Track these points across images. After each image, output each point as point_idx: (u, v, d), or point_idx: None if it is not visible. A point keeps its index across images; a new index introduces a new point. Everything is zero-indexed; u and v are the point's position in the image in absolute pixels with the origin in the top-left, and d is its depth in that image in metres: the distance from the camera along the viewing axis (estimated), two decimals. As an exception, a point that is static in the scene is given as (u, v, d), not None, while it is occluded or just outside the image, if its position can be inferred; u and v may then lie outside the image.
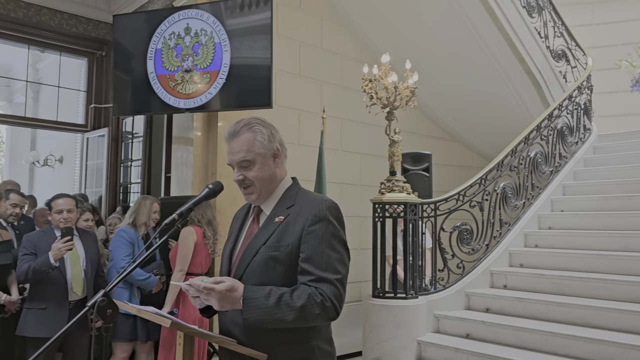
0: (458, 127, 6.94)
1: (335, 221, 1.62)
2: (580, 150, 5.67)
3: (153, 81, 4.55)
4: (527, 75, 5.77)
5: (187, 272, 3.72)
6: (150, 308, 1.58)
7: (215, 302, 1.51)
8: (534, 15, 5.95)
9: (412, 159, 4.98)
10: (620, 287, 3.74)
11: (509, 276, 4.38)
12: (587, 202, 4.93)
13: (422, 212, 4.20)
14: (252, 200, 1.71)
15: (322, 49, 5.77)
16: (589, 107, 6.02)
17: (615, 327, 3.46)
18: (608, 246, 4.25)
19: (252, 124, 1.68)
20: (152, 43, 4.57)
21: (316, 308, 1.52)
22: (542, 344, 3.54)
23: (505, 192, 4.71)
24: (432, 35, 5.80)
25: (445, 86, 6.30)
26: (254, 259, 1.62)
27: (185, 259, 3.73)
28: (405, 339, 3.91)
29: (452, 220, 4.35)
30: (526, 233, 4.79)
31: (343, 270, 1.59)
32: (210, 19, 4.42)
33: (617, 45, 7.56)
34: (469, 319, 3.97)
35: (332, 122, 5.44)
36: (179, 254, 3.76)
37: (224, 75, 4.37)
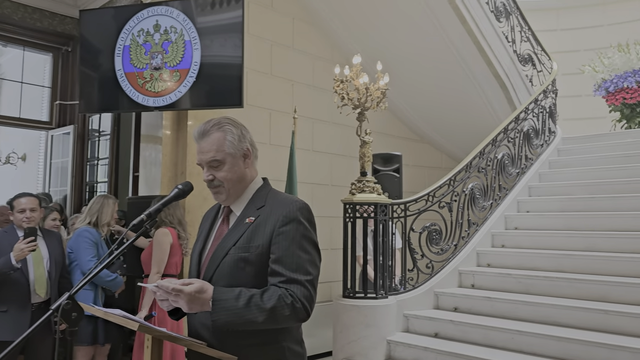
0: (428, 128, 7.02)
1: (306, 222, 1.61)
2: (545, 152, 5.81)
3: (121, 78, 4.45)
4: (495, 79, 5.88)
5: (164, 273, 3.69)
6: (117, 311, 1.54)
7: (184, 304, 1.48)
8: (502, 20, 6.07)
9: (383, 159, 5.01)
10: (585, 286, 3.84)
11: (477, 276, 4.45)
12: (552, 203, 5.06)
13: (392, 213, 4.23)
14: (222, 200, 1.69)
15: (293, 49, 5.75)
16: (554, 110, 6.17)
17: (580, 325, 3.55)
18: (573, 246, 4.36)
19: (222, 124, 1.66)
20: (120, 39, 4.47)
21: (286, 309, 1.51)
22: (509, 343, 3.61)
23: (474, 193, 4.79)
24: (403, 38, 5.85)
25: (415, 88, 6.37)
26: (224, 261, 1.59)
27: (162, 261, 3.69)
28: (375, 338, 3.93)
29: (421, 221, 4.39)
30: (493, 233, 4.87)
31: (314, 271, 1.58)
32: (180, 17, 4.36)
33: (581, 51, 7.79)
34: (438, 318, 4.01)
35: (303, 122, 5.43)
36: (155, 256, 3.70)
37: (194, 73, 4.30)
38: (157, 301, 1.58)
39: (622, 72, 6.40)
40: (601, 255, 4.08)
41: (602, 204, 4.71)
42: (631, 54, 6.37)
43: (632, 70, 6.30)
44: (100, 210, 3.90)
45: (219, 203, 1.78)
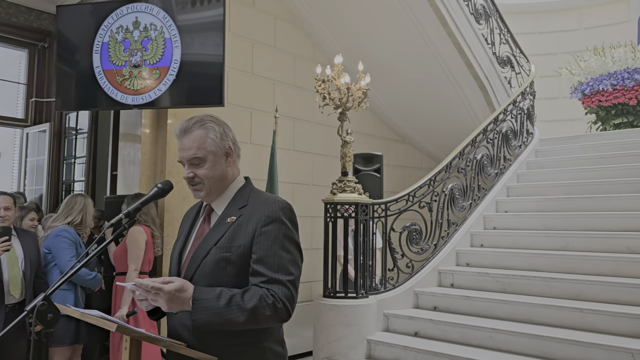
0: (408, 128, 7.07)
1: (289, 222, 1.60)
2: (523, 153, 5.90)
3: (99, 76, 4.38)
4: (475, 80, 5.95)
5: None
6: (95, 312, 1.52)
7: (163, 303, 1.46)
8: (482, 22, 6.14)
9: (364, 159, 5.03)
10: (560, 284, 3.91)
11: (456, 275, 4.50)
12: (529, 203, 5.14)
13: (373, 213, 4.24)
14: (201, 197, 1.67)
15: (275, 48, 5.74)
16: (531, 112, 6.27)
17: (555, 323, 3.61)
18: (549, 245, 4.43)
19: (204, 121, 1.65)
20: (98, 36, 4.40)
21: (267, 309, 1.50)
22: (486, 341, 3.66)
23: (453, 193, 4.84)
24: (385, 39, 5.88)
25: (396, 89, 6.41)
26: (205, 260, 1.58)
27: (138, 258, 3.72)
28: (355, 338, 3.94)
29: (402, 221, 4.42)
30: (472, 233, 4.93)
31: (295, 271, 1.58)
32: (160, 14, 4.31)
33: (558, 54, 7.94)
34: (418, 318, 4.04)
35: (284, 121, 5.42)
36: (131, 253, 3.71)
37: (174, 71, 4.26)
38: (135, 301, 1.56)
39: (597, 75, 6.54)
40: (576, 254, 4.16)
41: (577, 204, 4.80)
42: (606, 58, 6.50)
43: (607, 74, 6.44)
44: (84, 210, 3.84)
45: (200, 202, 1.76)
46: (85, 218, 3.83)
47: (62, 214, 3.84)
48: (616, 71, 6.37)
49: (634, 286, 3.60)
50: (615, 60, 6.42)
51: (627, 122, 6.37)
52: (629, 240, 4.09)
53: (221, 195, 1.68)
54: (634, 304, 3.54)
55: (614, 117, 6.48)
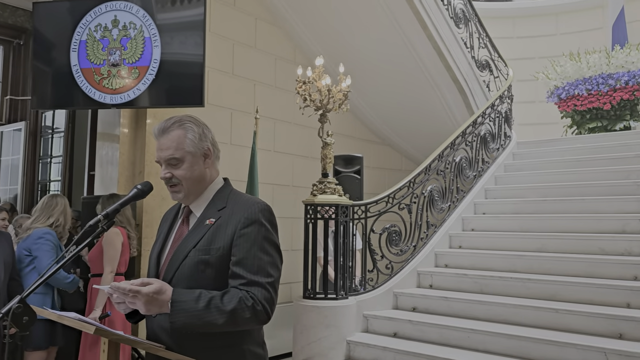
0: (388, 131, 7.12)
1: (268, 224, 1.60)
2: (501, 156, 5.99)
3: (77, 74, 4.31)
4: (454, 83, 6.02)
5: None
6: (72, 314, 1.49)
7: (141, 305, 1.45)
8: (461, 26, 6.22)
9: (344, 161, 5.05)
10: (536, 285, 3.98)
11: (435, 276, 4.54)
12: (506, 205, 5.21)
13: (353, 214, 4.26)
14: (179, 199, 1.66)
15: (255, 49, 5.72)
16: (509, 115, 6.37)
17: (532, 323, 3.67)
18: (526, 247, 4.50)
19: (183, 122, 1.64)
20: (76, 34, 4.33)
21: (247, 312, 1.49)
22: (464, 341, 3.70)
23: (432, 195, 4.88)
24: (365, 41, 5.92)
25: (377, 91, 6.45)
26: (184, 263, 1.57)
27: (114, 260, 3.68)
28: (335, 339, 3.95)
29: (381, 222, 4.45)
30: (451, 235, 4.98)
31: (275, 273, 1.57)
32: (140, 12, 4.26)
33: (535, 58, 8.08)
34: (397, 318, 4.07)
35: (265, 122, 5.41)
36: (107, 255, 3.66)
37: (154, 71, 4.22)
38: (113, 304, 1.54)
39: (573, 80, 6.67)
40: (552, 255, 4.23)
41: (553, 206, 4.89)
42: (582, 63, 6.64)
43: (582, 79, 6.57)
44: (65, 212, 3.77)
45: (179, 203, 1.75)
46: (66, 220, 3.76)
47: (42, 215, 3.70)
48: (591, 76, 6.51)
49: (608, 287, 3.68)
50: (590, 65, 6.56)
51: (602, 127, 6.51)
52: (602, 242, 4.18)
53: (200, 197, 1.67)
54: (607, 304, 3.61)
55: (588, 121, 6.62)
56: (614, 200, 4.59)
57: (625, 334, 3.31)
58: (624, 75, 6.30)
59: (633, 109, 6.42)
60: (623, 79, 6.29)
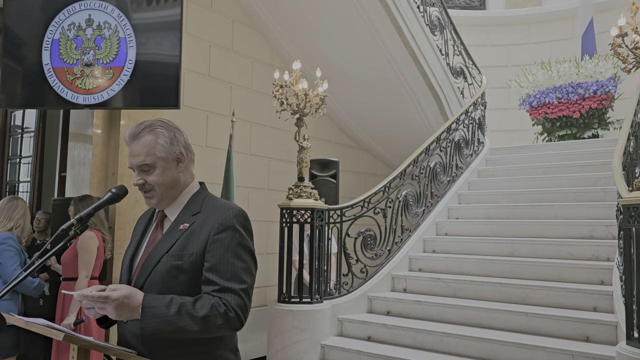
0: (365, 135, 7.16)
1: (243, 229, 1.59)
2: (474, 162, 6.09)
3: (48, 73, 4.22)
4: (429, 90, 6.10)
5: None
6: (41, 320, 1.46)
7: (112, 310, 1.43)
8: (437, 33, 6.31)
9: (320, 165, 5.07)
10: (507, 289, 4.06)
11: (409, 280, 4.59)
12: (479, 211, 5.30)
13: (328, 218, 4.27)
14: (153, 204, 1.64)
15: (232, 51, 5.70)
16: (482, 122, 6.48)
17: (503, 327, 3.74)
18: (498, 251, 4.59)
19: (154, 126, 1.62)
20: (48, 32, 4.24)
21: (219, 318, 1.48)
22: (437, 344, 3.74)
23: (407, 200, 4.93)
24: (343, 46, 5.95)
25: (353, 96, 6.49)
26: (156, 268, 1.54)
27: (89, 264, 3.61)
28: (309, 343, 3.95)
29: (357, 226, 4.47)
30: (425, 239, 5.04)
31: (249, 279, 1.56)
32: (115, 12, 4.20)
33: (508, 66, 8.25)
34: (371, 322, 4.09)
35: (241, 125, 5.39)
36: (82, 260, 3.58)
37: (129, 71, 4.16)
38: (83, 310, 1.51)
39: (544, 88, 6.83)
40: (523, 260, 4.32)
41: (524, 212, 4.99)
42: (553, 72, 6.81)
43: (553, 87, 6.73)
44: (25, 216, 3.67)
45: (153, 207, 1.73)
46: (25, 223, 3.67)
47: (2, 218, 3.58)
48: (561, 85, 6.67)
49: (575, 291, 3.78)
50: (560, 74, 6.73)
51: (571, 134, 6.68)
52: (571, 247, 4.29)
53: (174, 201, 1.65)
54: (575, 308, 3.71)
55: (558, 129, 6.78)
56: (582, 207, 4.71)
57: (591, 337, 3.41)
58: (593, 85, 6.48)
59: (601, 117, 6.61)
60: (592, 88, 6.47)
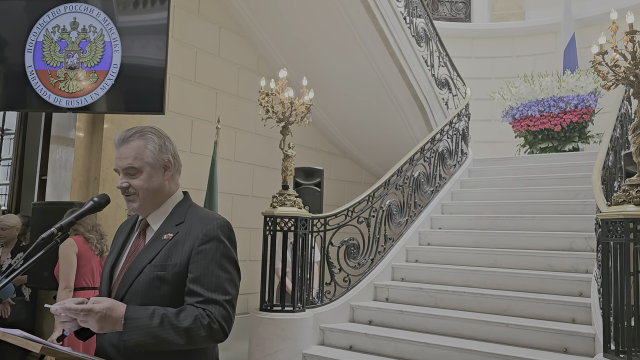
0: (349, 144, 7.19)
1: (227, 240, 1.58)
2: (457, 172, 6.14)
3: (31, 75, 4.17)
4: (414, 100, 6.15)
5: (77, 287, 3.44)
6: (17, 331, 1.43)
7: (94, 323, 1.41)
8: (422, 44, 6.38)
9: (305, 173, 5.06)
10: (488, 300, 4.08)
11: (391, 289, 4.60)
12: (462, 221, 5.34)
13: (312, 227, 4.27)
14: (134, 209, 1.62)
15: (219, 57, 5.69)
16: (466, 133, 6.55)
17: (483, 337, 3.76)
18: (480, 262, 4.62)
19: (144, 132, 1.62)
20: (32, 34, 4.19)
21: (202, 330, 1.46)
22: (418, 354, 3.75)
23: (391, 210, 4.95)
24: (329, 56, 5.98)
25: (339, 104, 6.51)
26: (138, 279, 1.52)
27: (68, 275, 3.42)
28: (291, 352, 3.93)
29: (340, 235, 4.47)
30: (408, 249, 5.06)
31: (233, 291, 1.55)
32: (100, 16, 4.17)
33: (492, 79, 8.36)
34: (353, 331, 4.09)
35: (226, 131, 5.37)
36: (61, 270, 3.44)
37: (113, 76, 4.12)
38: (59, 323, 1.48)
39: (527, 101, 6.93)
40: (504, 271, 4.36)
41: (505, 223, 5.04)
42: (535, 85, 6.91)
43: (535, 100, 6.84)
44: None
45: (136, 215, 1.71)
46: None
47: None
48: (543, 98, 6.78)
49: (555, 302, 3.82)
50: (542, 88, 6.83)
51: (552, 147, 6.79)
52: (551, 259, 4.34)
53: (157, 210, 1.64)
54: (554, 319, 3.75)
55: (540, 141, 6.88)
56: (562, 219, 4.78)
57: (570, 348, 3.44)
58: (574, 99, 6.59)
59: (581, 131, 6.73)
60: (573, 102, 6.59)
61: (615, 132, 4.37)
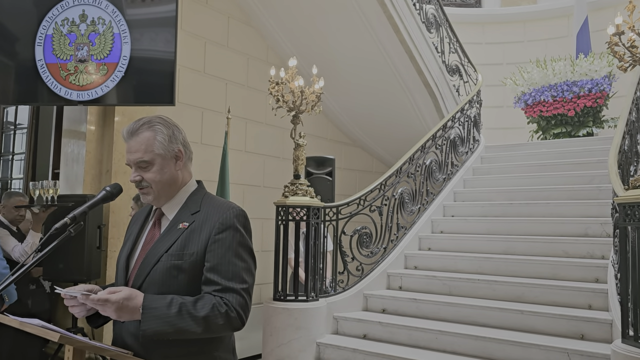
0: (360, 133, 7.15)
1: (243, 229, 1.58)
2: (469, 159, 6.09)
3: (42, 69, 4.18)
4: (425, 87, 6.09)
5: None
6: (35, 321, 1.44)
7: (112, 312, 1.41)
8: (432, 31, 6.30)
9: (316, 162, 5.05)
10: (502, 287, 4.06)
11: (404, 278, 4.59)
12: (474, 208, 5.30)
13: (324, 216, 4.26)
14: (149, 201, 1.62)
15: (228, 48, 5.67)
16: (478, 119, 6.48)
17: (498, 324, 3.74)
18: (493, 249, 4.59)
19: (152, 123, 1.60)
20: (41, 28, 4.20)
21: (220, 318, 1.47)
22: (432, 342, 3.74)
23: (403, 198, 4.92)
24: (339, 44, 5.93)
25: (349, 93, 6.47)
26: (155, 268, 1.53)
27: None
28: (305, 341, 3.94)
29: (353, 224, 4.46)
30: (420, 237, 5.04)
31: (249, 279, 1.55)
32: (109, 8, 4.16)
33: (504, 64, 8.25)
34: (367, 320, 4.09)
35: (236, 122, 5.36)
36: None
37: (123, 68, 4.12)
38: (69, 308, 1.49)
39: (539, 87, 6.84)
40: (518, 258, 4.33)
41: (519, 209, 5.00)
42: (547, 70, 6.81)
43: (548, 85, 6.74)
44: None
45: (150, 205, 1.71)
46: None
47: None
48: (556, 83, 6.68)
49: (570, 289, 3.79)
50: (555, 72, 6.74)
51: (566, 132, 6.70)
52: (565, 245, 4.30)
53: (172, 200, 1.64)
54: (570, 306, 3.71)
55: (553, 127, 6.79)
56: (577, 205, 4.72)
57: (586, 335, 3.41)
58: (588, 83, 6.49)
59: (596, 116, 6.63)
60: (586, 86, 6.49)
61: (631, 116, 4.29)
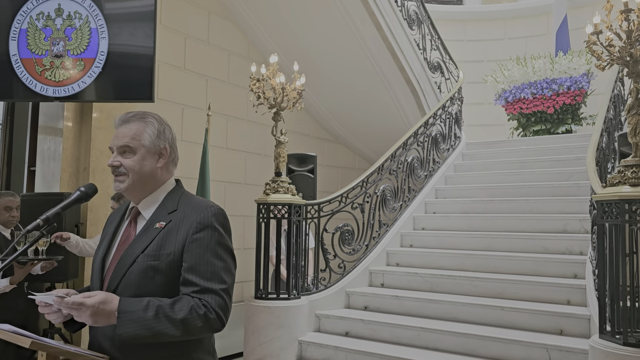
0: (342, 129, 7.14)
1: (222, 228, 1.55)
2: (451, 156, 6.12)
3: (16, 64, 4.08)
4: (407, 84, 6.10)
5: None
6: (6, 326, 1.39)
7: (87, 317, 1.37)
8: (414, 28, 6.31)
9: (298, 160, 5.02)
10: (483, 284, 4.09)
11: (386, 275, 4.59)
12: (456, 205, 5.33)
13: (306, 214, 4.24)
14: (121, 189, 1.57)
15: (208, 44, 5.60)
16: (459, 116, 6.51)
17: (479, 321, 3.77)
18: (474, 246, 4.61)
19: (146, 116, 1.61)
20: (15, 22, 4.09)
21: (199, 321, 1.43)
22: (414, 339, 3.75)
23: (385, 195, 4.93)
24: (321, 40, 5.90)
25: (331, 90, 6.45)
26: (131, 269, 1.48)
27: None
28: (287, 339, 3.92)
29: (334, 221, 4.45)
30: (402, 234, 5.05)
31: (229, 279, 1.52)
32: (86, 2, 4.07)
33: (484, 62, 8.30)
34: (349, 318, 4.08)
35: (217, 119, 5.31)
36: None
37: (101, 63, 4.04)
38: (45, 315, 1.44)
39: (519, 84, 6.90)
40: (499, 254, 4.36)
41: (500, 206, 5.03)
42: (527, 68, 6.88)
43: (528, 83, 6.81)
44: None
45: (126, 205, 1.67)
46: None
47: None
48: (536, 81, 6.75)
49: (550, 285, 3.83)
50: (535, 70, 6.80)
51: (545, 129, 6.77)
52: (545, 241, 4.34)
53: (149, 198, 1.60)
54: (549, 302, 3.76)
55: (533, 124, 6.86)
56: (556, 201, 4.78)
57: (565, 330, 3.46)
58: (567, 81, 6.57)
59: (574, 113, 6.71)
60: (565, 84, 6.57)
61: (609, 114, 4.35)
